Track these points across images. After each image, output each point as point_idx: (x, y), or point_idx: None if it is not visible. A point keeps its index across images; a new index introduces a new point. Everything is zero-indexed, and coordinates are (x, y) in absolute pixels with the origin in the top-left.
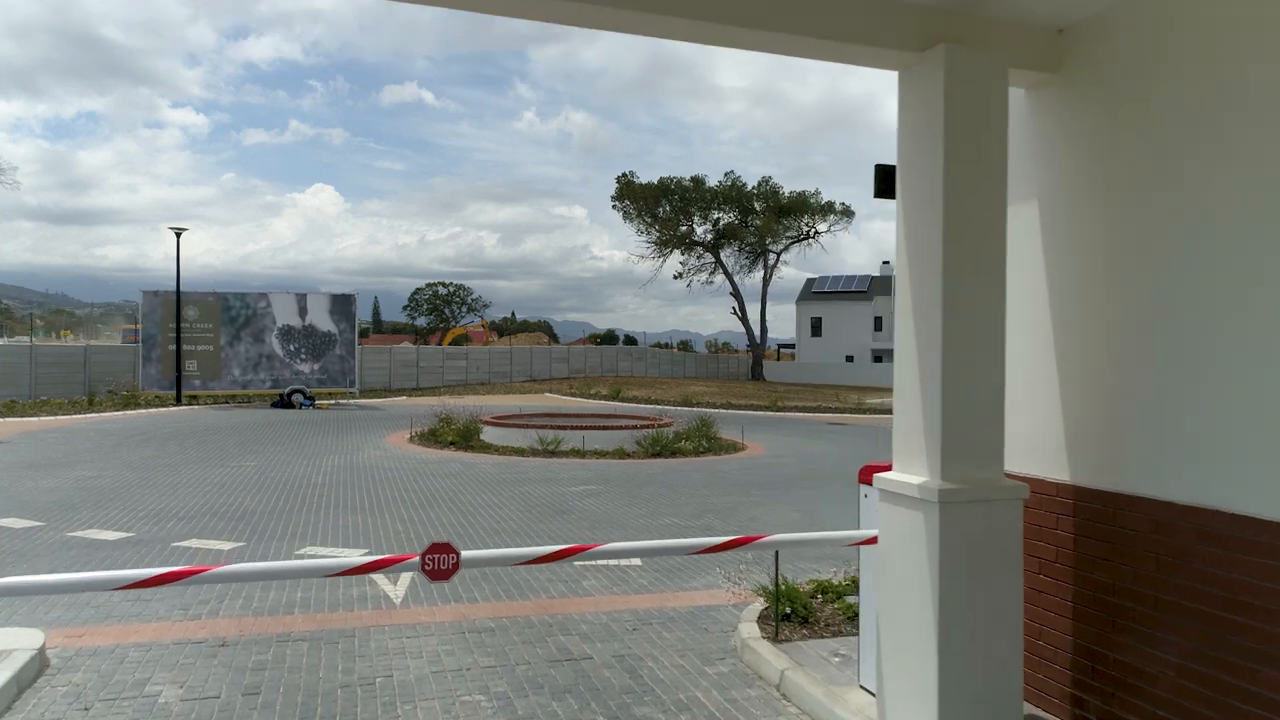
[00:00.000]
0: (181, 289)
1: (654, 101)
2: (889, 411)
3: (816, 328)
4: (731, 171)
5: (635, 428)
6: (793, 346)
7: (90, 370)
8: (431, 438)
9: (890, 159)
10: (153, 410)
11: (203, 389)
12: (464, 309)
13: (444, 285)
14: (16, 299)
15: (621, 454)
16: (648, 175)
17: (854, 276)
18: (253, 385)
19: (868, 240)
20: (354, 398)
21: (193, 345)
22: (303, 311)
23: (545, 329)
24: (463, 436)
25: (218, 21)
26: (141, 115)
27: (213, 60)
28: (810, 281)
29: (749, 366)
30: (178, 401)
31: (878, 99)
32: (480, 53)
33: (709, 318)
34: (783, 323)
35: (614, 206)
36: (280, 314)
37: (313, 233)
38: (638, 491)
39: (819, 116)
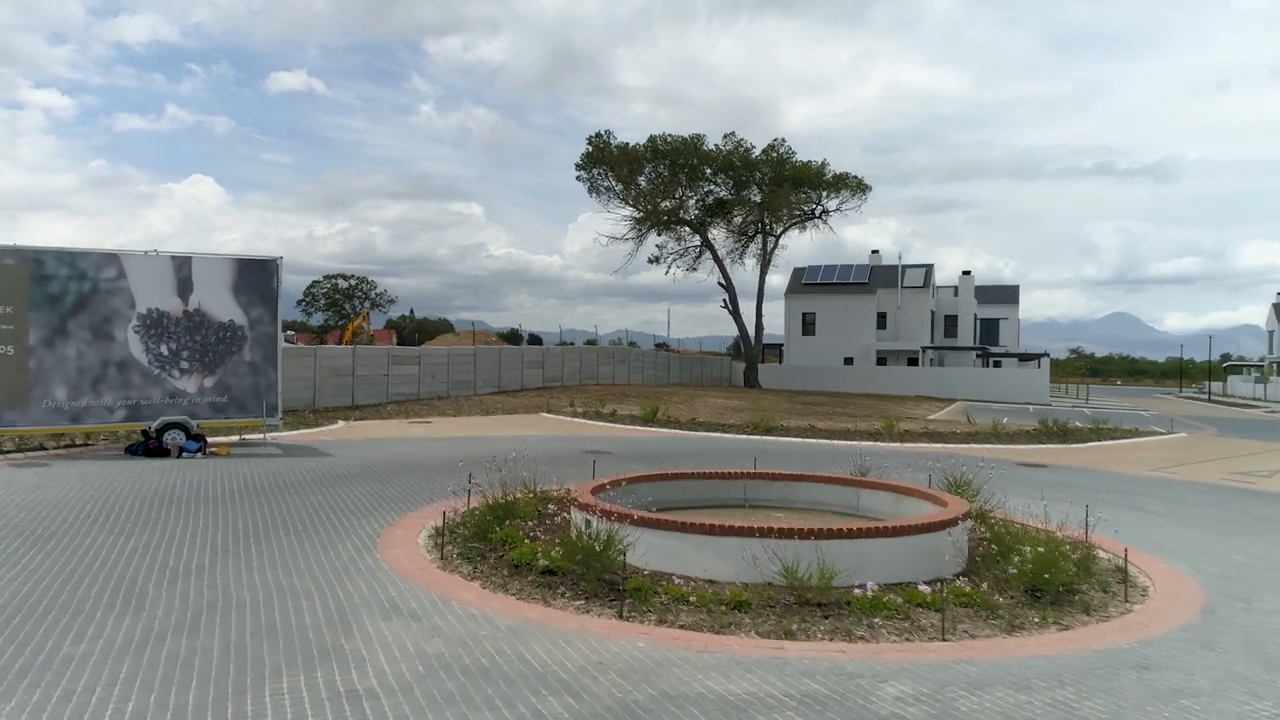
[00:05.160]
0: None
1: (556, 99)
2: (1047, 438)
3: (809, 325)
4: (733, 133)
5: (917, 529)
6: (778, 347)
7: None
8: (481, 546)
9: None
10: None
11: None
12: (367, 304)
13: (344, 278)
14: None
15: (983, 607)
16: (546, 178)
17: (850, 266)
18: (91, 416)
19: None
20: (276, 431)
21: None
22: (185, 287)
23: (446, 327)
24: (589, 559)
25: None
26: None
27: (80, 38)
28: (799, 272)
29: (731, 370)
30: None
31: (778, 103)
32: (375, 43)
33: (606, 316)
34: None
35: (578, 177)
36: (143, 291)
37: (191, 225)
38: None
39: (722, 119)
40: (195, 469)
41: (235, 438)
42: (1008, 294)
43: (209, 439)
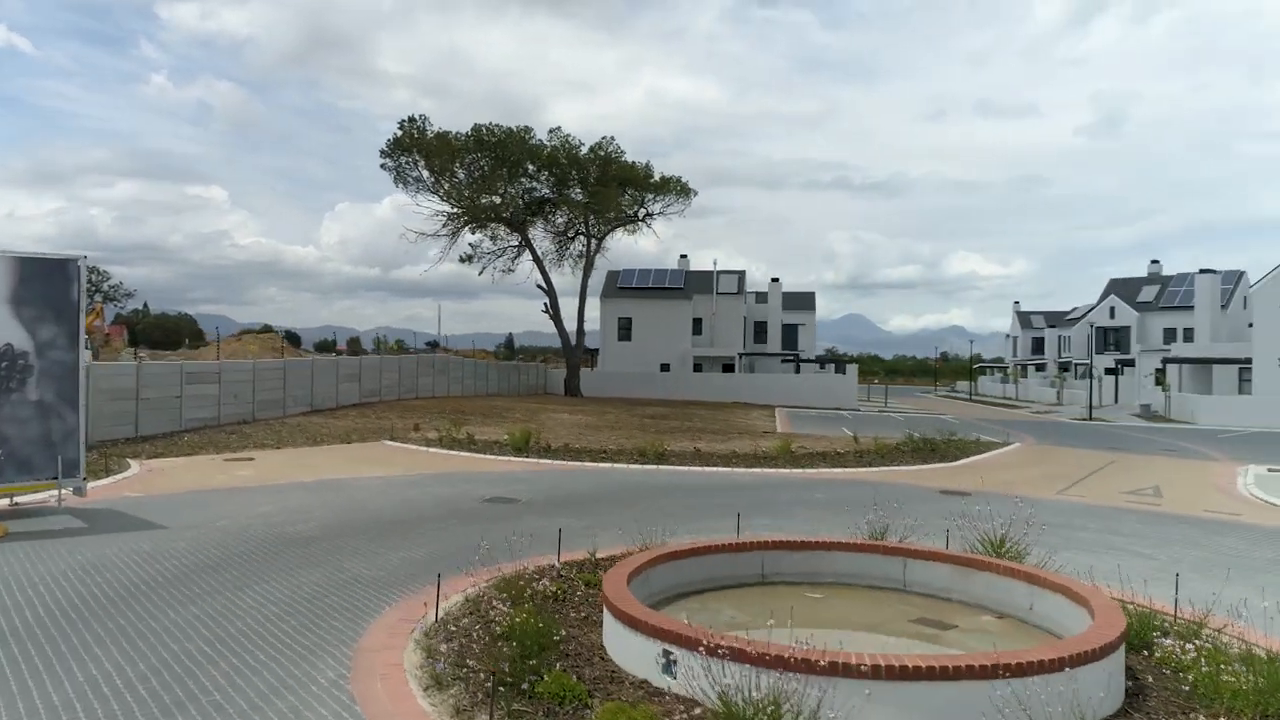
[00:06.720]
0: None
1: (310, 80)
2: (924, 456)
3: (625, 330)
4: (558, 128)
5: (1116, 643)
6: (593, 352)
7: None
8: (529, 709)
9: None
10: None
11: None
12: (99, 298)
13: None
14: None
15: None
16: (300, 163)
17: (665, 271)
18: None
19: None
20: (80, 497)
21: None
22: None
23: (189, 324)
24: None
25: None
26: None
27: None
28: (614, 275)
29: (548, 377)
30: None
31: (545, 101)
32: (94, 2)
33: (367, 311)
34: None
35: (384, 165)
36: None
37: None
38: None
39: (488, 113)
40: None
41: (4, 502)
42: (805, 300)
43: None
